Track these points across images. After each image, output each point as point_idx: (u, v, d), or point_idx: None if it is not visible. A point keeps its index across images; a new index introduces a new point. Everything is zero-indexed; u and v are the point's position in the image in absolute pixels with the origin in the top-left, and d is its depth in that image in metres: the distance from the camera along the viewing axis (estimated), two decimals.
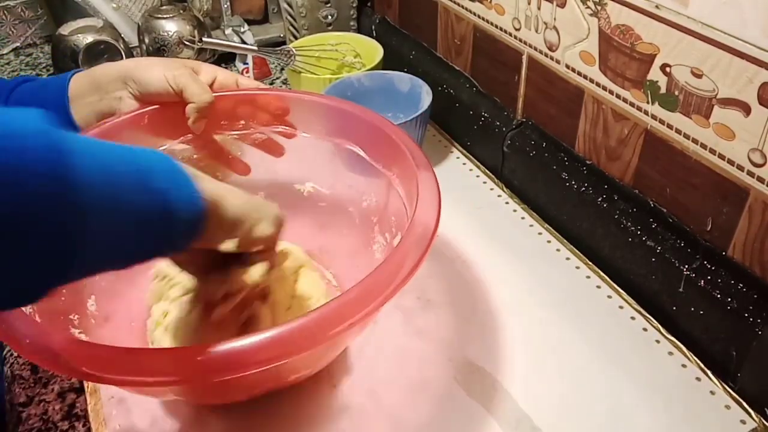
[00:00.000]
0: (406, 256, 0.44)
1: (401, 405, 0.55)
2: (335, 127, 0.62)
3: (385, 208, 0.59)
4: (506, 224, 0.74)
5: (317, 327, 0.39)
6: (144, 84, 0.58)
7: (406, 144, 0.55)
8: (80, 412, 0.55)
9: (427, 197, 0.49)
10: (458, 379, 0.56)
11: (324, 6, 1.01)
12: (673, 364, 0.57)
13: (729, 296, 0.55)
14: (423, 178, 0.51)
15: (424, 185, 0.50)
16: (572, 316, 0.62)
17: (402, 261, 0.43)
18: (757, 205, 0.52)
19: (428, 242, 0.45)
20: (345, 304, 0.40)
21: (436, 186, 0.50)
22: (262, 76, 1.04)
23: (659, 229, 0.62)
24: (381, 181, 0.58)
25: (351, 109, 0.61)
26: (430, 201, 0.48)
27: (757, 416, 0.53)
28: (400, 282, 0.42)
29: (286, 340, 0.38)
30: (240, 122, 0.63)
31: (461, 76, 0.87)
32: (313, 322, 0.39)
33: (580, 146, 0.70)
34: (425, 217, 0.47)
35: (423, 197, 0.49)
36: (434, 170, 0.52)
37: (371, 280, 0.42)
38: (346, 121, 0.61)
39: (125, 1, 1.11)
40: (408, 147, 0.54)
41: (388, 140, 0.56)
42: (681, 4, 0.52)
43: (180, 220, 0.37)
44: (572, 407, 0.54)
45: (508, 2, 0.72)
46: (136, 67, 0.59)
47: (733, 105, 0.51)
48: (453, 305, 0.64)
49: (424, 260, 0.44)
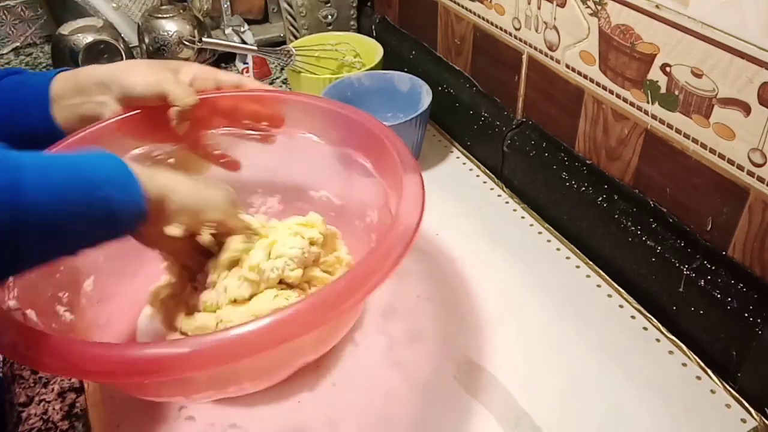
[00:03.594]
0: (390, 251, 0.44)
1: (400, 403, 0.55)
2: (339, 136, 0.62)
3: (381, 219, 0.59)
4: (506, 224, 0.74)
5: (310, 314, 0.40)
6: (127, 88, 0.59)
7: (396, 149, 0.55)
8: (80, 412, 0.55)
9: (412, 195, 0.49)
10: (458, 378, 0.57)
11: (324, 6, 1.01)
12: (673, 363, 0.57)
13: (729, 296, 0.55)
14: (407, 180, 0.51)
15: (408, 186, 0.50)
16: (572, 315, 0.62)
17: (387, 254, 0.44)
18: (757, 204, 0.52)
19: (410, 238, 0.45)
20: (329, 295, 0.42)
21: (420, 186, 0.50)
22: (262, 75, 1.04)
23: (659, 228, 0.62)
24: (380, 190, 0.58)
25: (354, 115, 0.60)
26: (414, 198, 0.49)
27: (757, 415, 0.53)
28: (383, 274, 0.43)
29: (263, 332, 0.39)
30: (224, 122, 0.64)
31: (461, 76, 0.87)
32: (305, 310, 0.40)
33: (580, 146, 0.70)
34: (408, 214, 0.47)
35: (407, 195, 0.49)
36: (421, 172, 0.52)
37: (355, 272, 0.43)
38: (349, 130, 0.61)
39: (125, 1, 1.11)
40: (397, 151, 0.54)
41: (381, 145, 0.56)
42: (681, 4, 0.52)
43: (122, 220, 0.44)
44: (572, 406, 0.54)
45: (508, 2, 0.72)
46: (119, 72, 0.60)
47: (733, 105, 0.51)
48: (453, 304, 0.64)
49: (406, 254, 0.44)
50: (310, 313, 0.40)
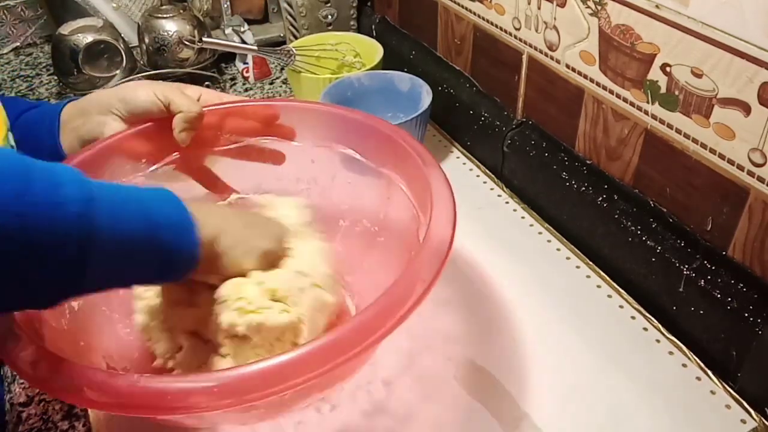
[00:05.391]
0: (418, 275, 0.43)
1: (400, 404, 0.55)
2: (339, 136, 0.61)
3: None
4: (506, 224, 0.74)
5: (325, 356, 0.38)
6: (131, 102, 0.58)
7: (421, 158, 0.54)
8: (80, 412, 0.55)
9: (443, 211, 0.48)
10: (458, 378, 0.56)
11: (324, 6, 1.01)
12: (673, 364, 0.57)
13: (729, 296, 0.55)
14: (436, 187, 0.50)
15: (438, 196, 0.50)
16: (572, 315, 0.62)
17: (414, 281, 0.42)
18: (757, 204, 0.52)
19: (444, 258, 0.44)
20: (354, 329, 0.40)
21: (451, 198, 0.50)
22: (262, 75, 1.04)
23: (659, 229, 0.62)
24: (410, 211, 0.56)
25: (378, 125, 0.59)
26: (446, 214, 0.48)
27: (757, 416, 0.53)
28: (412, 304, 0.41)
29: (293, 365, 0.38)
30: (229, 136, 0.63)
31: (461, 76, 0.87)
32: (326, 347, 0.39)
33: (580, 146, 0.70)
34: (440, 231, 0.46)
35: (437, 212, 0.48)
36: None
37: (382, 302, 0.41)
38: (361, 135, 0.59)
39: (125, 1, 1.11)
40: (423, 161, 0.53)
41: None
42: (681, 4, 0.52)
43: (178, 269, 0.44)
44: (572, 406, 0.54)
45: (508, 2, 0.72)
46: (124, 89, 0.60)
47: (733, 105, 0.51)
48: (452, 304, 0.64)
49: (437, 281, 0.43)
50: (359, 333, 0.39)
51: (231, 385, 0.37)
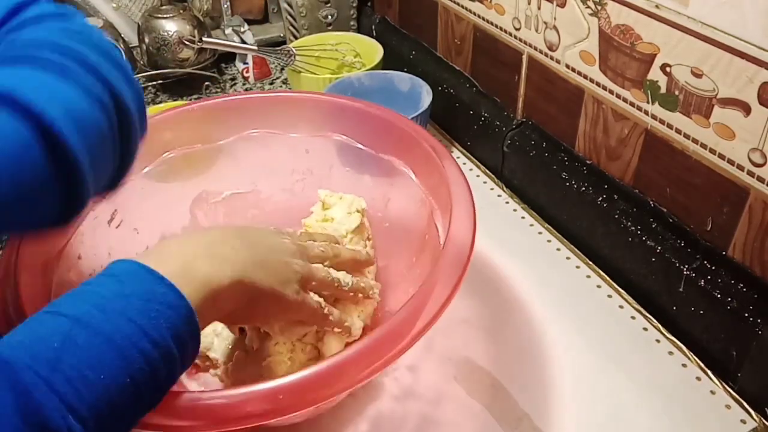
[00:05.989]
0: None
1: (400, 404, 0.55)
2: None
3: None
4: (506, 224, 0.74)
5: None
6: None
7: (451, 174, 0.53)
8: None
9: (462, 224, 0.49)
10: (458, 379, 0.56)
11: (324, 6, 1.01)
12: (673, 364, 0.57)
13: (729, 296, 0.55)
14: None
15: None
16: (572, 315, 0.62)
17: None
18: (757, 205, 0.52)
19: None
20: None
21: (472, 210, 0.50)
22: (262, 75, 1.04)
23: (659, 229, 0.62)
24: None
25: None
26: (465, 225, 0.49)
27: (757, 416, 0.53)
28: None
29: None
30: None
31: (461, 76, 0.87)
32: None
33: (580, 146, 0.70)
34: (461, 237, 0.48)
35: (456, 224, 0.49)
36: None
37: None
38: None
39: (125, 1, 1.11)
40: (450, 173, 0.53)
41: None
42: (681, 4, 0.52)
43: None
44: (572, 406, 0.54)
45: (508, 2, 0.72)
46: None
47: (733, 105, 0.51)
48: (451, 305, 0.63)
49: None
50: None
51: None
